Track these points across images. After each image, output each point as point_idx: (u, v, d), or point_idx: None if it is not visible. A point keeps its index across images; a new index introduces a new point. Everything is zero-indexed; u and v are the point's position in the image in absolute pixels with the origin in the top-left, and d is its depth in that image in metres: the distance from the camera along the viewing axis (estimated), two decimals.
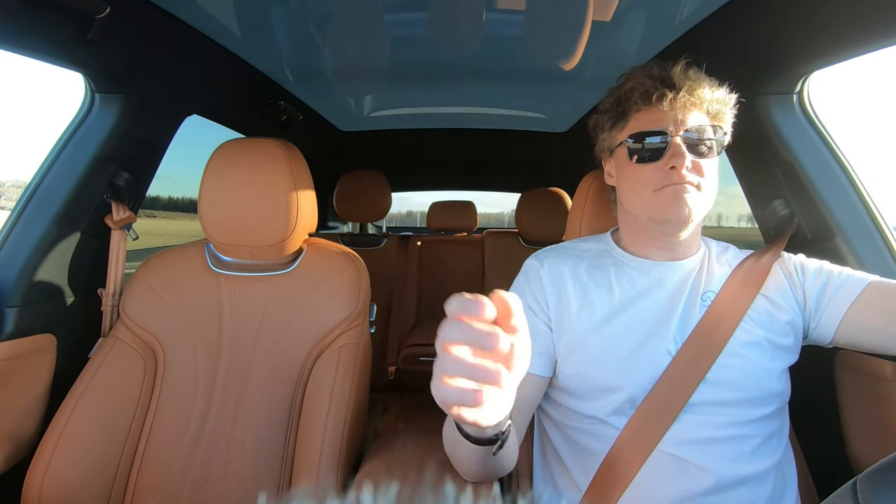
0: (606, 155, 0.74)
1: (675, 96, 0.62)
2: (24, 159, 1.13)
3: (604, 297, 0.67)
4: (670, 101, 0.62)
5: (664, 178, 0.62)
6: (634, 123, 0.66)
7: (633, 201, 0.67)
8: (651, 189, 0.63)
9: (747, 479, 0.59)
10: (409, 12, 0.94)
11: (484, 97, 1.47)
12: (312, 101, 1.46)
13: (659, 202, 0.63)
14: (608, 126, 0.71)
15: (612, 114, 0.69)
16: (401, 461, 0.81)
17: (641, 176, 0.64)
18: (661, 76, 0.64)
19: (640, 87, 0.65)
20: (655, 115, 0.64)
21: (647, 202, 0.64)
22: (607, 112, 0.71)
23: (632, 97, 0.65)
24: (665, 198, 0.62)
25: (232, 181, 0.85)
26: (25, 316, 0.84)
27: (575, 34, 0.96)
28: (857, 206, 0.82)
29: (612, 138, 0.70)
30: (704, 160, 0.62)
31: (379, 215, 2.02)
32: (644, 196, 0.65)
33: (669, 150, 0.62)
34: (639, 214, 0.67)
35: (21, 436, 0.82)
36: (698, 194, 0.62)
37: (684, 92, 0.62)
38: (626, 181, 0.68)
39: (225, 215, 0.86)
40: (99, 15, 0.75)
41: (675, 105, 0.62)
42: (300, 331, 0.87)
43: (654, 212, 0.64)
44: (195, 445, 0.82)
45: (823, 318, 0.63)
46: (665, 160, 0.62)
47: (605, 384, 0.63)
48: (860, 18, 0.67)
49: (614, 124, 0.70)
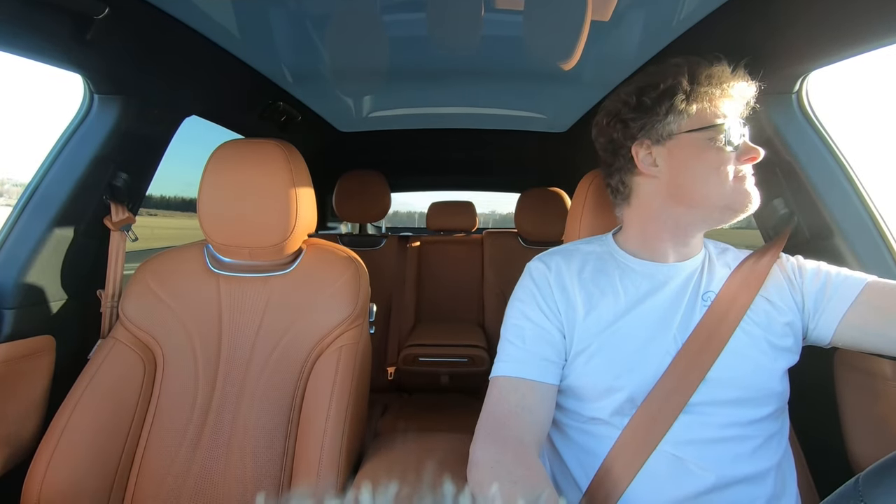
0: (648, 143, 0.67)
1: (741, 90, 0.65)
2: (24, 160, 1.12)
3: (609, 301, 0.67)
4: (739, 93, 0.65)
5: (742, 167, 0.63)
6: (716, 109, 0.64)
7: (711, 189, 0.63)
8: (732, 175, 0.63)
9: (747, 478, 0.59)
10: (407, 13, 0.94)
11: (483, 97, 1.47)
12: (311, 101, 1.46)
13: (741, 190, 0.63)
14: (679, 107, 0.64)
15: (687, 96, 0.64)
16: (400, 461, 0.81)
17: (724, 162, 0.62)
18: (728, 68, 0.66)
19: (717, 76, 0.64)
20: (733, 105, 0.65)
21: (728, 189, 0.62)
22: (676, 94, 0.64)
23: (716, 83, 0.64)
24: (747, 186, 0.63)
25: (231, 182, 0.85)
26: (24, 318, 0.84)
27: (574, 34, 0.97)
28: (856, 205, 0.82)
29: (679, 122, 0.65)
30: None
31: (378, 216, 2.02)
32: (726, 183, 0.62)
33: (747, 138, 0.64)
34: (713, 203, 0.64)
35: (20, 438, 0.82)
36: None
37: (744, 89, 0.65)
38: (701, 168, 0.64)
39: (224, 216, 0.85)
40: (98, 16, 0.75)
41: (739, 100, 0.65)
42: (300, 331, 0.87)
43: (733, 199, 0.63)
44: (195, 447, 0.82)
45: (822, 319, 0.63)
46: (745, 150, 0.63)
47: (609, 385, 0.63)
48: (859, 17, 0.67)
49: (686, 107, 0.64)
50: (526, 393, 0.63)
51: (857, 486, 0.33)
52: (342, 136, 1.83)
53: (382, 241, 2.01)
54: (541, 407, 0.63)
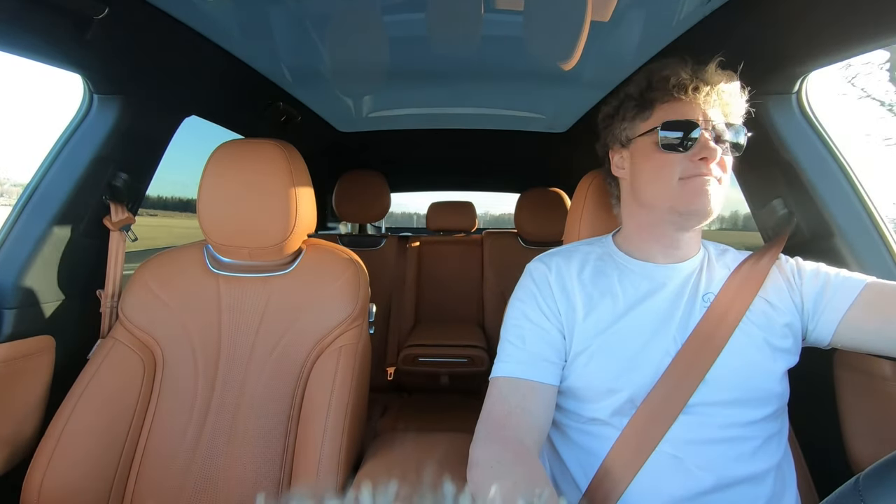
0: (617, 147, 0.72)
1: (709, 91, 0.63)
2: (24, 160, 1.11)
3: (608, 303, 0.67)
4: (705, 95, 0.63)
5: (692, 168, 0.62)
6: (663, 113, 0.65)
7: (656, 190, 0.66)
8: (677, 177, 0.63)
9: (747, 479, 0.59)
10: (407, 13, 0.94)
11: (483, 97, 1.47)
12: (311, 101, 1.46)
13: (685, 191, 0.62)
14: (631, 114, 0.69)
15: (638, 101, 0.68)
16: (400, 461, 0.81)
17: (668, 164, 0.63)
18: (696, 70, 0.65)
19: (675, 77, 0.64)
20: (686, 107, 0.64)
21: (673, 191, 0.63)
22: (632, 100, 0.69)
23: (665, 86, 0.65)
24: (692, 187, 0.62)
25: (231, 182, 0.85)
26: (24, 318, 0.84)
27: (573, 34, 0.97)
28: (856, 206, 0.82)
29: (634, 127, 0.69)
30: (729, 156, 0.64)
31: (378, 216, 2.02)
32: (670, 184, 0.63)
33: (700, 141, 0.62)
34: (660, 205, 0.66)
35: (20, 437, 0.82)
36: (720, 189, 0.63)
37: (719, 88, 0.63)
38: (648, 170, 0.67)
39: (224, 216, 0.85)
40: (97, 16, 0.75)
41: (708, 100, 0.63)
42: (299, 331, 0.87)
43: (678, 201, 0.63)
44: (194, 447, 0.82)
45: (821, 320, 0.63)
46: (696, 151, 0.62)
47: (607, 386, 0.63)
48: (858, 17, 0.67)
49: (639, 113, 0.68)
50: (526, 393, 0.63)
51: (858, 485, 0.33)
52: (342, 136, 1.83)
53: (382, 241, 2.01)
54: (541, 407, 0.63)
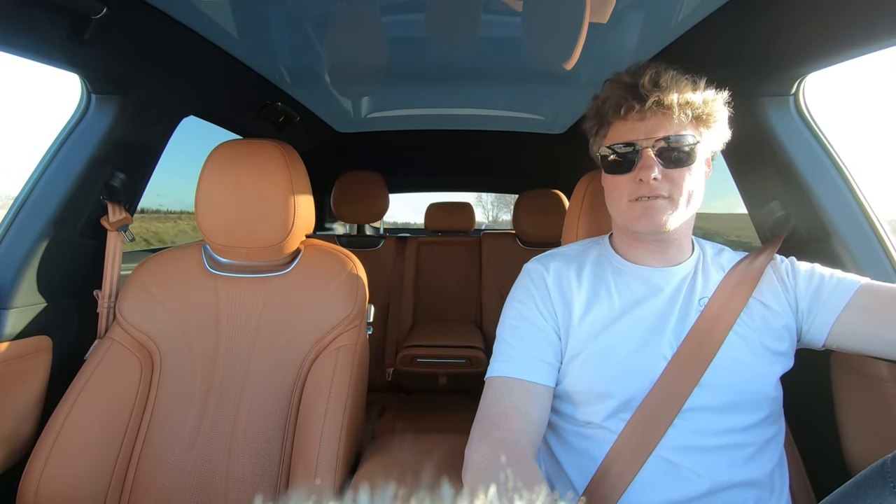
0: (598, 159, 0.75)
1: (642, 108, 0.62)
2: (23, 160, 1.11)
3: (604, 305, 0.67)
4: (638, 112, 0.62)
5: (636, 189, 0.63)
6: (612, 133, 0.67)
7: (613, 210, 0.70)
8: (626, 199, 0.65)
9: (742, 483, 0.59)
10: (406, 13, 0.94)
11: (481, 98, 1.47)
12: (310, 102, 1.46)
13: (631, 214, 0.64)
14: (594, 131, 0.72)
15: (595, 122, 0.71)
16: (398, 462, 0.81)
17: (617, 186, 0.66)
18: (631, 86, 0.63)
19: (612, 99, 0.65)
20: (628, 125, 0.65)
21: (623, 212, 0.66)
22: (591, 119, 0.72)
23: (610, 106, 0.66)
24: (637, 210, 0.64)
25: (229, 182, 0.85)
26: (21, 318, 0.84)
27: (572, 36, 0.97)
28: (853, 207, 0.82)
29: (597, 144, 0.71)
30: (680, 169, 0.62)
31: (376, 216, 2.02)
32: (621, 206, 0.66)
33: (640, 161, 0.62)
34: (618, 223, 0.70)
35: (17, 438, 0.82)
36: (669, 205, 0.62)
37: (651, 103, 0.61)
38: (608, 188, 0.70)
39: (222, 217, 0.85)
40: (95, 15, 0.74)
41: (644, 116, 0.63)
42: (298, 332, 0.87)
43: (627, 222, 0.66)
44: (192, 447, 0.82)
45: (816, 321, 0.64)
46: (635, 172, 0.63)
47: (603, 389, 0.63)
48: (856, 20, 0.67)
49: (597, 132, 0.71)
50: (521, 394, 0.62)
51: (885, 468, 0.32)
52: (340, 137, 1.83)
53: (380, 241, 2.01)
54: (536, 408, 0.63)
